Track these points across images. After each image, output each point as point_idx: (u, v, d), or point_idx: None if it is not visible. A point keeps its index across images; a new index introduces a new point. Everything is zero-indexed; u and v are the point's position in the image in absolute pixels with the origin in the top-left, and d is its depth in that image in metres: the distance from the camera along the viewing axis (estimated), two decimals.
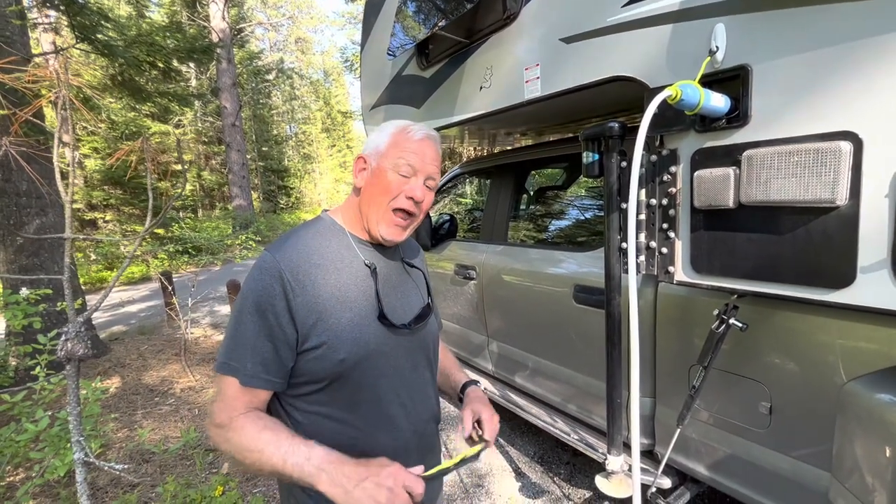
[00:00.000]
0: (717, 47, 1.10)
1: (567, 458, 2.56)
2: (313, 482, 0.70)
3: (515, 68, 1.76)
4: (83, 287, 9.96)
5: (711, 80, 1.12)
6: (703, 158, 1.18)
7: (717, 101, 1.06)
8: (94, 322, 4.94)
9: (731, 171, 1.11)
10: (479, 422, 0.94)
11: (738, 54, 1.09)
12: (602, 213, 2.33)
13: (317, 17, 32.42)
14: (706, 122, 1.16)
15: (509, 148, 3.27)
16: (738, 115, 1.10)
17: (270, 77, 25.64)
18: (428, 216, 2.91)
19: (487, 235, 2.65)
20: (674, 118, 1.23)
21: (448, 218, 3.12)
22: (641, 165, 1.35)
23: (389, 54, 2.52)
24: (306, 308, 0.79)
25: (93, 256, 10.54)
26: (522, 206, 2.88)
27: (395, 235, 0.90)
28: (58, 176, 1.21)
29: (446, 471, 0.72)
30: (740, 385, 1.41)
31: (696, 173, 1.19)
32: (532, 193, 3.15)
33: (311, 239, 0.87)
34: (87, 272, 10.60)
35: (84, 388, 1.58)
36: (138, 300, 8.02)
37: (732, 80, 1.10)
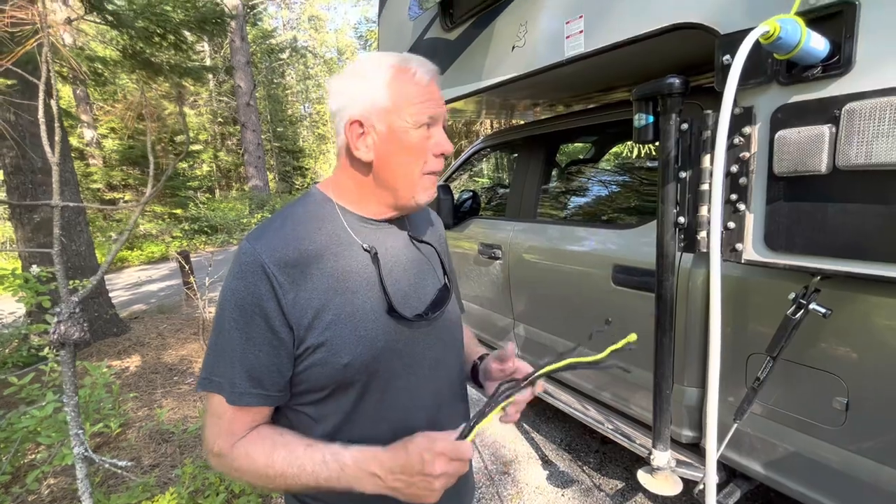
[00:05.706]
0: None
1: (596, 447, 2.45)
2: (359, 489, 0.63)
3: (555, 22, 1.57)
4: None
5: (805, 21, 0.94)
6: (789, 116, 1.00)
7: (817, 43, 0.88)
8: (114, 301, 4.96)
9: (825, 129, 0.93)
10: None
11: None
12: (644, 187, 2.15)
13: None
14: (794, 73, 0.98)
15: (539, 118, 3.08)
16: (837, 62, 0.91)
17: (284, 56, 25.33)
18: (450, 193, 2.75)
19: (515, 212, 2.49)
20: (751, 69, 1.05)
21: (471, 194, 2.96)
22: (709, 128, 1.19)
23: (411, 14, 2.33)
24: (300, 306, 0.65)
25: (113, 235, 10.67)
26: (553, 180, 2.70)
27: (432, 195, 0.77)
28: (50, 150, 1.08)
29: (480, 416, 0.60)
30: (810, 378, 1.25)
31: (777, 134, 1.01)
32: (564, 167, 2.96)
33: (300, 221, 0.71)
34: (109, 251, 10.72)
35: (92, 371, 1.50)
36: (158, 279, 8.11)
37: (832, 19, 0.92)
